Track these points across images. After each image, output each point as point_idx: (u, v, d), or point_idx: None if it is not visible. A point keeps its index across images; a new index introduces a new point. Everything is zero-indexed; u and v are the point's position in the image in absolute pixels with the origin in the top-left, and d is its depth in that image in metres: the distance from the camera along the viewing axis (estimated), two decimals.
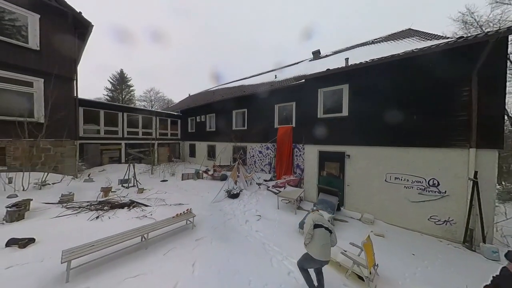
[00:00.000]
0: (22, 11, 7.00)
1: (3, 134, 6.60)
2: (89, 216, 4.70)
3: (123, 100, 34.12)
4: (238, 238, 4.14)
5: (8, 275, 2.63)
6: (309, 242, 2.49)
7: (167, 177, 10.38)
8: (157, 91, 38.43)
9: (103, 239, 3.21)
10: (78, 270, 2.78)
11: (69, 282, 2.60)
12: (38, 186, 6.31)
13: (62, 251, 2.79)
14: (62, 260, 2.60)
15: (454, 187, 4.13)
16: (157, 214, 5.18)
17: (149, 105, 36.95)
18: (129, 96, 36.05)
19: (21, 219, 4.22)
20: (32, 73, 7.24)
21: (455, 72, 4.08)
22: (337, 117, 5.70)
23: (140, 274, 2.86)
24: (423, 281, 2.94)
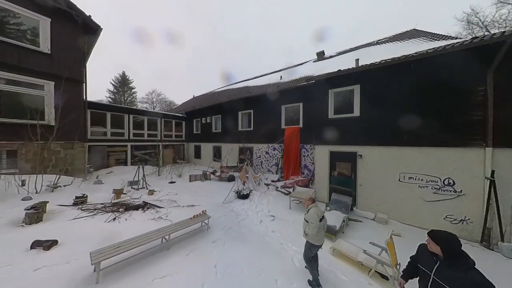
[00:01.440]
0: (33, 15, 7.09)
1: (15, 137, 6.65)
2: (106, 218, 4.73)
3: (125, 102, 34.27)
4: (255, 239, 4.17)
5: (38, 277, 2.65)
6: (315, 232, 2.75)
7: (175, 178, 10.44)
8: (159, 93, 38.64)
9: (128, 240, 3.25)
10: (106, 271, 2.82)
11: (99, 283, 2.63)
12: (51, 188, 6.35)
13: (90, 252, 2.82)
14: (92, 262, 2.63)
15: (470, 186, 4.16)
16: (173, 215, 5.21)
17: (151, 107, 37.14)
18: (131, 98, 36.20)
19: (39, 221, 4.26)
20: (43, 76, 7.31)
21: (470, 72, 4.12)
22: (349, 118, 5.74)
23: (167, 275, 2.88)
24: None
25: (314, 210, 2.92)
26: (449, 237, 1.64)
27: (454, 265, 1.55)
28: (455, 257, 1.57)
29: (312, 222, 2.79)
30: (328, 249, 3.64)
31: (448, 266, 1.58)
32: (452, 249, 1.59)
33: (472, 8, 9.90)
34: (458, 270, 1.51)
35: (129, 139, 13.11)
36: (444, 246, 1.60)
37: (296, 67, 14.54)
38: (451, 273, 1.54)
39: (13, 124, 6.62)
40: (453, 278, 1.52)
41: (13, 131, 6.60)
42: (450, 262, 1.57)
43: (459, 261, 1.54)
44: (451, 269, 1.55)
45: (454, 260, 1.56)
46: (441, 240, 1.63)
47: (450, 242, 1.61)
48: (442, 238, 1.64)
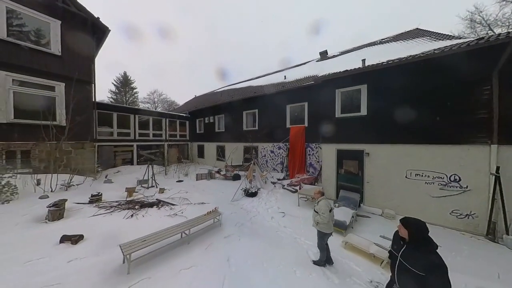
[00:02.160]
0: (44, 17, 7.21)
1: (29, 137, 6.81)
2: (124, 215, 4.90)
3: (127, 102, 34.36)
4: (269, 234, 4.33)
5: (72, 268, 2.82)
6: (326, 222, 3.03)
7: (181, 177, 10.62)
8: (160, 92, 38.72)
9: (152, 234, 3.42)
10: (134, 263, 2.98)
11: (130, 273, 2.80)
12: (65, 187, 6.51)
13: (120, 245, 2.99)
14: (124, 253, 2.80)
15: (475, 182, 4.31)
16: (187, 212, 5.38)
17: (152, 106, 37.23)
18: (133, 98, 36.27)
19: (61, 218, 4.43)
20: (53, 78, 7.45)
21: (475, 71, 4.26)
22: (356, 116, 5.89)
23: (192, 266, 3.05)
24: (454, 270, 3.08)
25: (324, 202, 3.19)
26: (417, 222, 1.81)
27: (418, 248, 1.71)
28: (420, 241, 1.73)
29: (323, 212, 3.04)
30: (340, 243, 3.81)
31: (413, 249, 1.74)
32: (418, 233, 1.74)
33: (476, 7, 10.00)
34: (421, 252, 1.68)
35: (135, 139, 13.25)
36: (412, 230, 1.76)
37: (299, 67, 14.66)
38: (414, 255, 1.71)
39: (27, 125, 6.78)
40: (415, 259, 1.69)
41: (26, 132, 6.76)
42: (415, 246, 1.74)
43: (423, 245, 1.71)
44: (415, 251, 1.72)
45: (419, 244, 1.73)
46: (409, 225, 1.80)
47: (418, 227, 1.77)
48: (411, 223, 1.81)
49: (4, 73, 6.38)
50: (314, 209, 3.27)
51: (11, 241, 3.30)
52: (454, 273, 3.04)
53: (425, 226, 1.78)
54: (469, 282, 2.84)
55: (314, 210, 3.25)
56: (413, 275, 1.67)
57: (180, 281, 2.76)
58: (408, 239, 1.78)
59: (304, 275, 2.94)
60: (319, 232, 3.17)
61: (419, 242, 1.73)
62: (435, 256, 1.67)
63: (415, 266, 1.66)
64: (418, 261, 1.67)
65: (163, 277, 2.81)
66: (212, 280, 2.79)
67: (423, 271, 1.61)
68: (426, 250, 1.69)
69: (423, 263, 1.63)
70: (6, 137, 6.42)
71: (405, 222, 1.84)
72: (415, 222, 1.82)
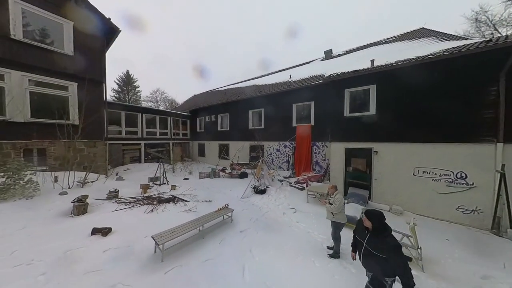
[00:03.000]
0: (58, 19, 7.35)
1: (44, 136, 7.01)
2: (143, 210, 5.12)
3: (129, 100, 34.45)
4: (283, 228, 4.54)
5: (108, 257, 3.04)
6: (340, 211, 3.34)
7: (187, 175, 10.83)
8: (163, 91, 38.78)
9: (178, 227, 3.66)
10: (165, 252, 3.19)
11: (163, 261, 3.02)
12: (81, 184, 6.72)
13: (152, 236, 3.22)
14: (159, 243, 3.02)
15: (481, 179, 4.50)
16: (199, 208, 5.60)
17: (155, 105, 37.29)
18: (135, 97, 36.36)
19: (85, 212, 4.64)
20: (67, 78, 7.62)
21: (483, 72, 4.42)
22: (364, 116, 6.06)
23: (210, 259, 3.25)
24: (463, 261, 3.33)
25: (340, 195, 3.47)
26: (378, 214, 2.10)
27: (378, 235, 2.03)
28: (380, 229, 2.05)
29: (340, 203, 3.33)
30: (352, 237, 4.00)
31: (374, 236, 2.05)
32: (379, 224, 2.05)
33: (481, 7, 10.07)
34: (380, 238, 2.01)
35: (142, 138, 13.45)
36: (374, 221, 2.06)
37: (303, 66, 14.77)
38: (375, 241, 2.03)
39: (43, 124, 6.97)
40: (376, 244, 2.00)
41: (43, 130, 6.95)
42: (376, 233, 2.05)
43: (382, 231, 2.03)
44: (376, 238, 2.04)
45: (379, 231, 2.04)
46: (372, 218, 2.08)
47: (378, 219, 2.07)
48: (373, 216, 2.09)
49: (20, 73, 6.55)
50: (329, 201, 3.48)
51: (47, 233, 3.52)
52: (463, 263, 3.28)
53: (383, 216, 2.09)
54: (477, 271, 3.04)
55: (329, 202, 3.47)
56: (376, 258, 1.97)
57: (207, 268, 2.99)
58: (371, 229, 2.08)
59: (322, 265, 3.15)
60: (335, 223, 3.41)
61: (378, 230, 2.05)
62: (390, 238, 1.99)
63: (377, 250, 1.97)
64: (379, 246, 1.97)
65: (191, 265, 3.03)
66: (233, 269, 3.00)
67: (384, 254, 1.92)
68: (384, 236, 2.00)
69: (383, 247, 1.95)
70: (24, 135, 6.61)
71: (368, 215, 2.12)
72: (376, 214, 2.11)
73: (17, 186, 5.04)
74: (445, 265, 3.23)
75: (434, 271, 3.06)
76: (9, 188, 4.92)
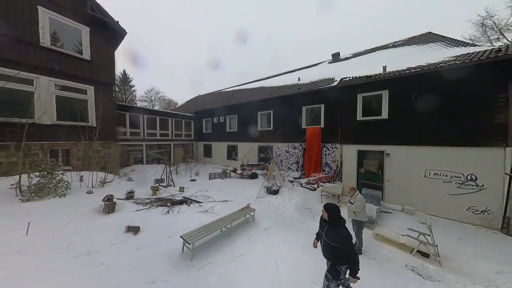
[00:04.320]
0: (77, 25, 7.68)
1: (68, 137, 7.34)
2: (161, 211, 5.37)
3: (126, 100, 34.17)
4: (303, 227, 4.81)
5: (141, 256, 3.30)
6: (361, 210, 3.59)
7: (193, 176, 10.95)
8: (157, 91, 38.18)
9: (204, 226, 3.91)
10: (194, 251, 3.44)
11: (193, 260, 3.28)
12: (101, 184, 7.03)
13: (181, 236, 3.47)
14: (189, 242, 3.27)
15: (491, 181, 4.74)
16: (217, 209, 5.84)
17: (150, 105, 36.79)
18: (131, 97, 36.13)
19: (113, 211, 4.93)
20: (86, 81, 7.93)
21: (492, 79, 4.66)
22: (377, 120, 6.31)
23: (242, 254, 3.52)
24: (477, 257, 3.59)
25: (360, 195, 3.74)
26: (332, 207, 2.34)
27: (333, 226, 2.26)
28: (335, 221, 2.28)
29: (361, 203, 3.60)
30: (371, 235, 4.27)
31: (330, 227, 2.28)
32: (333, 214, 2.29)
33: (487, 11, 10.27)
34: (335, 229, 2.24)
35: (144, 139, 13.61)
36: (329, 213, 2.31)
37: (311, 68, 15.02)
38: (331, 232, 2.25)
39: (67, 126, 7.30)
40: (332, 234, 2.23)
41: (67, 132, 7.28)
42: (332, 224, 2.28)
43: (337, 223, 2.27)
44: (332, 229, 2.26)
45: (334, 223, 2.27)
46: (328, 209, 2.33)
47: (332, 210, 2.30)
48: (329, 208, 2.34)
49: (48, 78, 6.88)
50: (350, 201, 3.75)
51: (90, 228, 3.82)
52: (477, 260, 3.53)
53: (337, 208, 2.34)
54: (491, 267, 3.29)
55: (350, 202, 3.74)
56: (331, 247, 2.22)
57: (239, 265, 3.23)
58: (328, 220, 2.32)
59: None
60: (356, 222, 3.66)
61: (334, 221, 2.28)
62: (343, 229, 2.22)
63: (332, 240, 2.20)
64: (333, 237, 2.21)
65: (222, 263, 3.27)
66: (267, 263, 3.27)
67: (337, 243, 2.16)
68: (337, 227, 2.24)
69: (336, 237, 2.19)
70: (50, 137, 6.94)
71: (325, 207, 2.38)
72: (331, 206, 2.36)
73: (51, 185, 5.36)
74: (461, 262, 3.48)
75: (451, 267, 3.32)
76: (44, 187, 5.24)
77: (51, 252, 3.01)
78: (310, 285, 2.83)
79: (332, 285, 2.28)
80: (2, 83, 5.69)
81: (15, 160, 6.12)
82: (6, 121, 5.93)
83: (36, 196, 5.05)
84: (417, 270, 3.20)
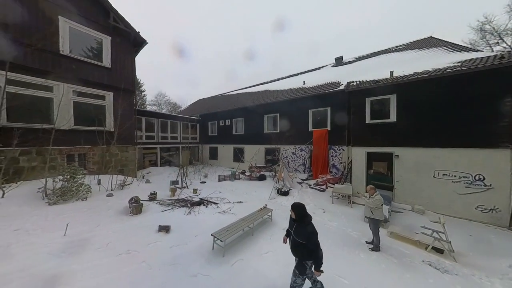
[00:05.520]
0: (99, 35, 7.97)
1: (85, 142, 7.56)
2: (183, 211, 5.57)
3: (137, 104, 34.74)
4: (318, 226, 4.78)
5: (176, 253, 3.49)
6: (378, 209, 3.80)
7: (202, 178, 11.13)
8: (165, 94, 39.08)
9: (231, 225, 4.12)
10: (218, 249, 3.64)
11: (225, 256, 3.48)
12: (120, 186, 7.22)
13: (212, 234, 3.68)
14: (222, 239, 3.49)
15: (498, 181, 4.96)
16: (235, 210, 6.04)
17: (158, 109, 37.62)
18: (141, 101, 36.82)
19: (140, 212, 5.12)
20: (105, 88, 8.19)
21: (498, 84, 4.92)
22: (386, 123, 6.56)
23: (269, 252, 3.72)
24: (488, 253, 3.80)
25: (379, 195, 3.94)
26: (299, 206, 2.47)
27: (300, 224, 2.39)
28: (301, 218, 2.40)
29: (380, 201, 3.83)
30: (385, 233, 4.48)
31: (298, 225, 2.40)
32: (299, 213, 2.41)
33: (486, 17, 10.64)
34: (301, 226, 2.36)
35: (158, 142, 13.98)
36: (296, 212, 2.43)
37: (314, 71, 15.34)
38: (299, 229, 2.37)
39: (84, 131, 7.52)
40: (299, 231, 2.34)
41: (84, 137, 7.50)
42: (299, 222, 2.40)
43: (303, 220, 2.39)
44: (299, 226, 2.39)
45: (301, 220, 2.39)
46: (295, 209, 2.45)
47: (298, 209, 2.43)
48: (295, 207, 2.46)
49: (67, 85, 7.12)
50: (369, 201, 3.97)
51: (122, 228, 4.02)
52: (489, 255, 3.75)
53: (303, 207, 2.47)
54: (502, 262, 3.50)
55: (368, 203, 3.96)
56: (298, 244, 2.34)
57: (268, 260, 3.44)
58: (295, 218, 2.45)
59: (366, 256, 3.62)
60: (373, 220, 3.88)
61: (300, 219, 2.40)
62: (310, 226, 2.35)
63: (299, 237, 2.32)
64: (301, 234, 2.33)
65: (252, 259, 3.48)
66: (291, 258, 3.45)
67: (304, 240, 2.28)
68: (304, 224, 2.36)
69: (302, 233, 2.31)
70: (68, 142, 7.15)
71: (292, 207, 2.50)
72: (297, 205, 2.49)
73: (74, 189, 5.56)
74: (474, 257, 3.69)
75: (465, 262, 3.53)
76: (68, 190, 5.43)
77: (93, 252, 3.21)
78: (337, 278, 3.04)
79: (298, 280, 2.42)
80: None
81: (37, 164, 6.33)
82: (29, 127, 6.15)
83: (61, 200, 5.25)
84: (434, 265, 3.40)
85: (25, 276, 2.57)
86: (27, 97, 6.11)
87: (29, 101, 6.17)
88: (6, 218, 3.83)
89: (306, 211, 2.46)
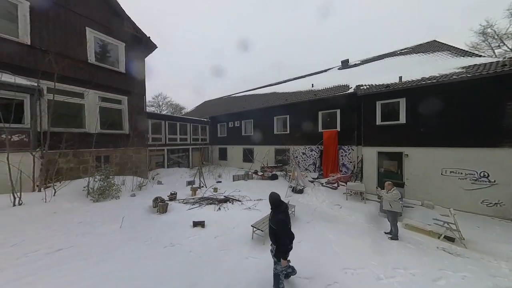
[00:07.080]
0: (116, 42, 8.45)
1: (109, 144, 8.04)
2: (212, 208, 6.01)
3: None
4: (338, 220, 5.47)
5: (220, 242, 3.94)
6: (396, 202, 4.26)
7: (217, 178, 11.50)
8: (165, 95, 38.77)
9: (263, 219, 4.58)
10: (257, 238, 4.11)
11: (265, 244, 3.95)
12: (139, 187, 7.68)
13: (252, 225, 4.15)
14: (262, 230, 3.95)
15: (502, 177, 5.44)
16: (259, 206, 6.47)
17: (157, 110, 37.46)
18: None
19: (166, 211, 5.55)
20: (121, 93, 8.65)
21: (502, 88, 5.39)
22: (396, 124, 7.04)
23: (301, 240, 4.13)
24: (496, 241, 4.27)
25: (397, 190, 4.42)
26: (273, 196, 2.68)
27: (275, 212, 2.61)
28: (276, 207, 2.62)
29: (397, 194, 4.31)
30: (401, 225, 4.94)
31: (273, 213, 2.64)
32: (274, 203, 2.63)
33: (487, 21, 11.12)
34: (275, 214, 2.58)
35: (166, 144, 14.34)
36: (271, 201, 2.66)
37: (321, 74, 15.81)
38: (273, 217, 2.60)
39: (108, 134, 8.00)
40: (273, 219, 2.56)
41: (108, 140, 7.98)
42: (274, 211, 2.64)
43: (277, 209, 2.61)
44: (274, 213, 2.62)
45: (275, 208, 2.62)
46: (270, 198, 2.68)
47: (272, 198, 2.65)
48: (270, 197, 2.69)
49: (94, 91, 7.61)
50: (388, 196, 4.44)
51: (156, 225, 4.45)
52: (496, 242, 4.22)
53: (277, 197, 2.67)
54: (508, 248, 3.97)
55: (386, 197, 4.43)
56: (272, 230, 2.56)
57: (304, 247, 3.86)
58: (271, 207, 2.68)
59: (387, 244, 4.09)
60: (391, 213, 4.35)
61: (275, 207, 2.63)
62: (282, 214, 2.53)
63: (272, 223, 2.56)
64: (273, 220, 2.56)
65: None
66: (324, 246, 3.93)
67: (275, 226, 2.49)
68: (277, 212, 2.56)
69: (276, 220, 2.50)
70: (96, 144, 7.61)
71: (269, 197, 2.72)
72: (271, 195, 2.71)
73: (109, 188, 6.03)
74: (482, 244, 4.16)
75: (475, 248, 4.00)
76: (105, 189, 5.91)
77: (142, 244, 3.65)
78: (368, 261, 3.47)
79: (278, 267, 2.55)
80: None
81: (73, 165, 6.81)
82: (68, 131, 6.63)
83: (101, 197, 5.73)
84: (447, 250, 3.88)
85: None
86: (64, 104, 6.59)
87: (65, 107, 6.67)
88: (66, 212, 4.31)
89: (280, 201, 2.65)
